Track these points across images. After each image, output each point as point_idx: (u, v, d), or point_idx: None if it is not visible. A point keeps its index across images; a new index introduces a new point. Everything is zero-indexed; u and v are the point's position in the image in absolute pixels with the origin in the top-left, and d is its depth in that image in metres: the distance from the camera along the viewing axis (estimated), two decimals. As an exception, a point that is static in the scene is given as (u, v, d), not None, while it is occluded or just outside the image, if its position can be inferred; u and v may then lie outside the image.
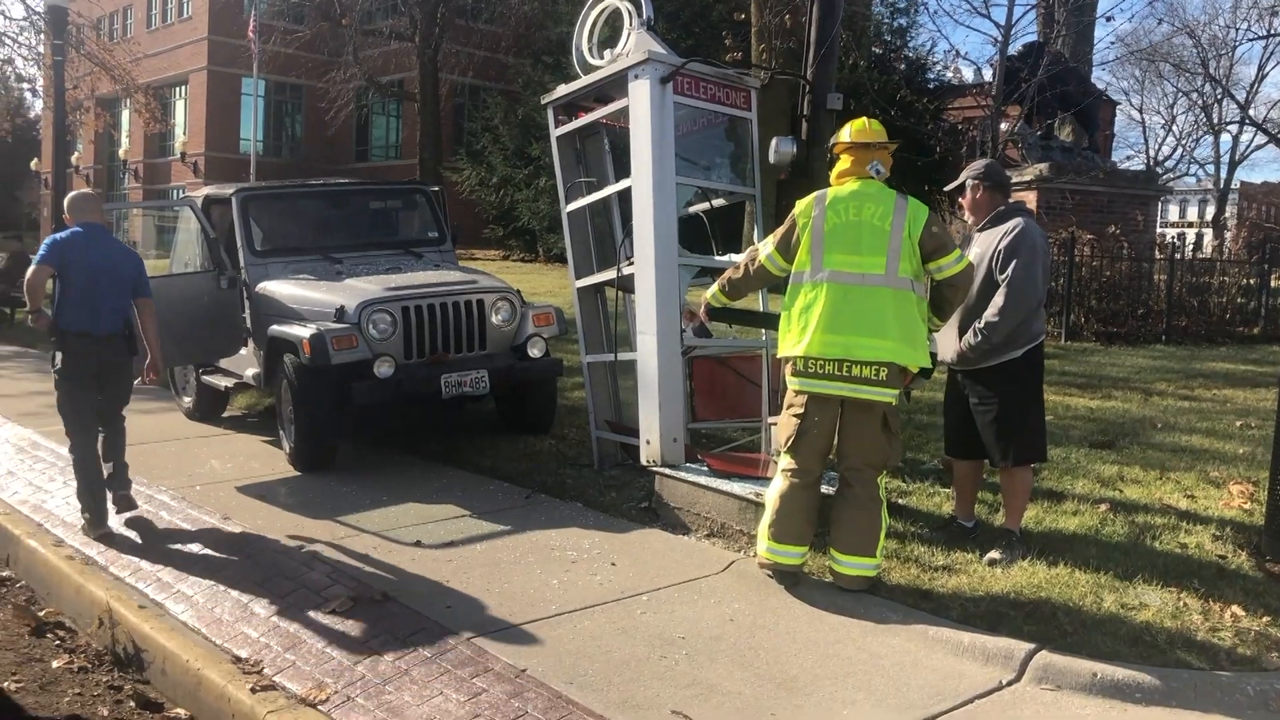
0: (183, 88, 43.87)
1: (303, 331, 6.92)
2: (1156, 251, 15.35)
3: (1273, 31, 40.21)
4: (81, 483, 5.88)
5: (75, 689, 4.40)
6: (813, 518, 4.74)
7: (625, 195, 6.45)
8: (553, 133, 7.05)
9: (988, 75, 17.85)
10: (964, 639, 4.11)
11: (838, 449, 4.70)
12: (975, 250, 5.02)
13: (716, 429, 7.17)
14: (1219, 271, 15.34)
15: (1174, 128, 48.90)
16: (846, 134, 4.80)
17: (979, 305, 4.91)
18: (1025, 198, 13.91)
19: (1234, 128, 45.75)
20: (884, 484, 4.74)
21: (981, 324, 4.86)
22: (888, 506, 4.76)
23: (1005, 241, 4.89)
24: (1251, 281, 15.21)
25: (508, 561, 5.20)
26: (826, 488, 4.91)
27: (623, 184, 6.48)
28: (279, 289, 7.71)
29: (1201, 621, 4.23)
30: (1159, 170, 41.32)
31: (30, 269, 5.78)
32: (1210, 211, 49.98)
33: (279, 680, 4.07)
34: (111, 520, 5.89)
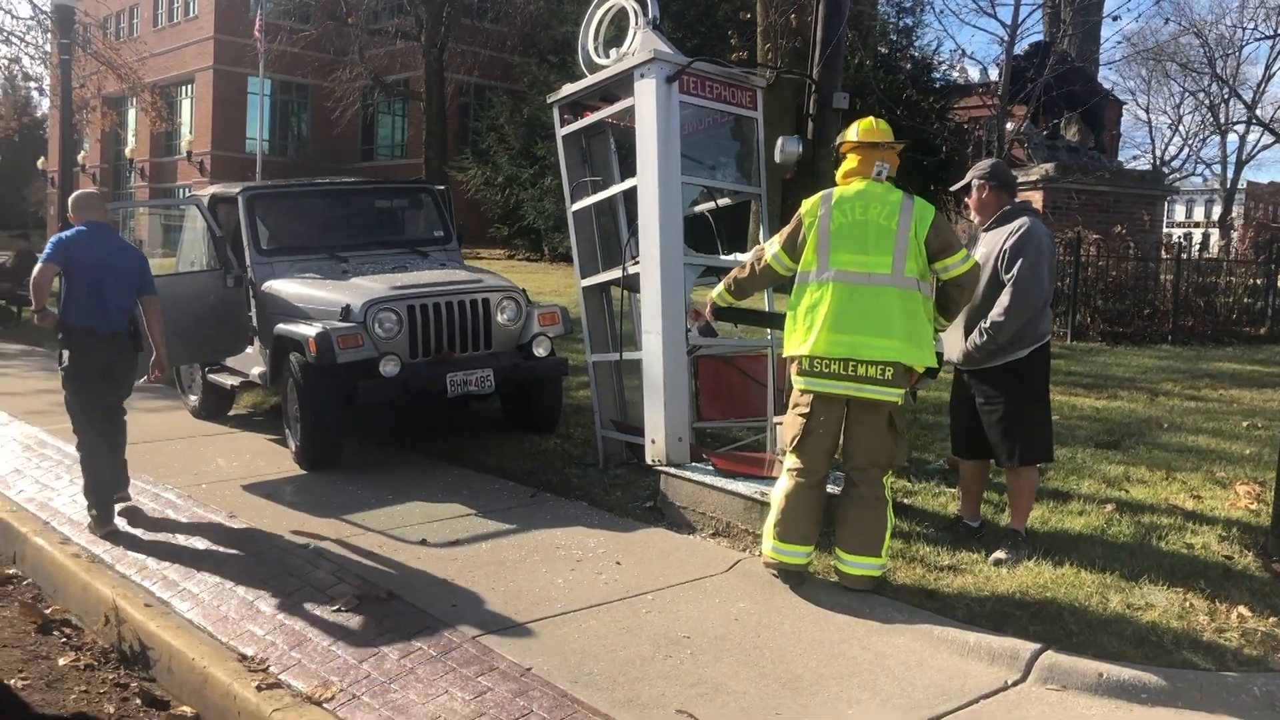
0: (189, 87, 43.94)
1: (308, 330, 6.93)
2: (1163, 251, 15.33)
3: (1280, 31, 40.14)
4: (88, 480, 5.91)
5: (81, 686, 4.42)
6: (818, 517, 4.74)
7: (631, 194, 6.44)
8: (558, 132, 7.05)
9: (994, 75, 17.78)
10: (969, 639, 4.11)
11: (843, 448, 4.69)
12: (981, 250, 5.02)
13: (722, 428, 7.17)
14: (1225, 271, 15.33)
15: (1180, 127, 48.90)
16: (854, 133, 4.80)
17: (985, 305, 4.90)
18: (1031, 197, 13.88)
19: (1241, 127, 45.74)
20: (889, 484, 4.73)
21: (987, 324, 4.86)
22: (893, 506, 4.75)
23: (1011, 241, 4.88)
24: (1258, 281, 15.18)
25: (513, 560, 5.20)
26: (832, 487, 4.91)
27: (628, 183, 6.49)
28: (285, 288, 7.72)
29: (1208, 622, 4.22)
30: (1165, 170, 41.30)
31: (36, 267, 5.82)
32: (1217, 211, 49.86)
33: (285, 678, 4.08)
34: (117, 518, 5.92)
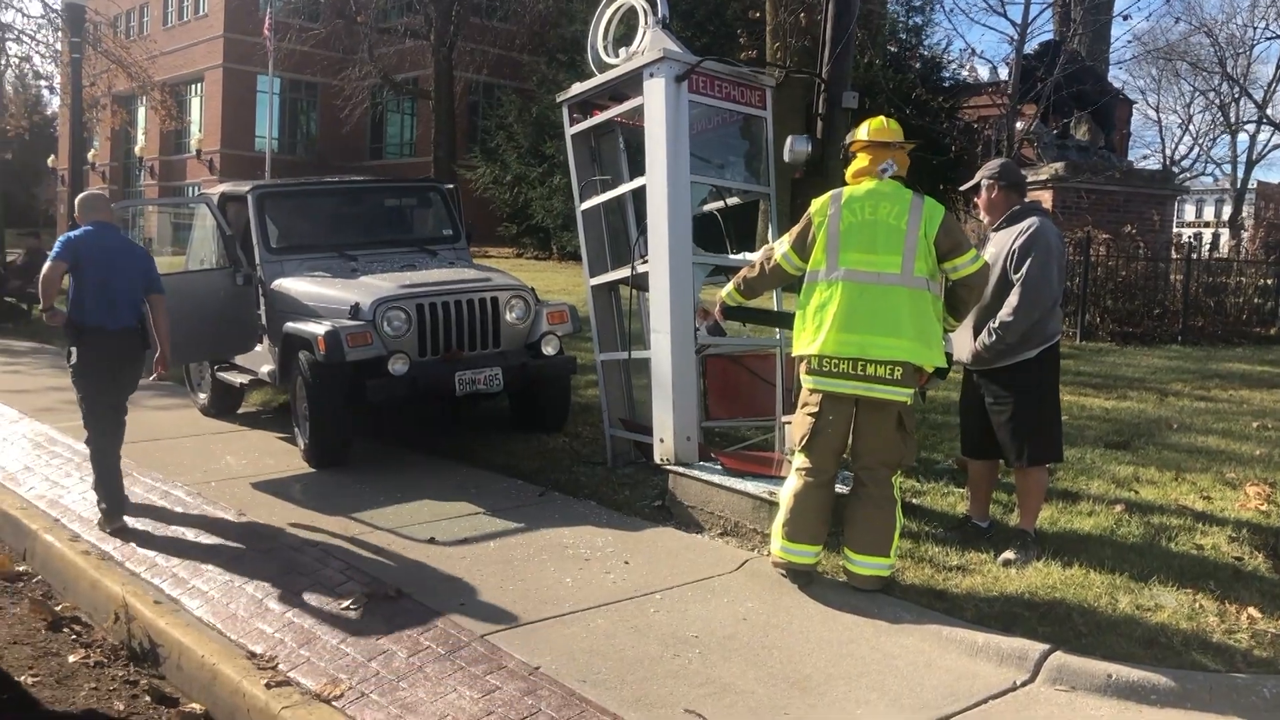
0: (198, 85, 44.04)
1: (318, 328, 6.95)
2: (1173, 251, 15.27)
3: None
4: (99, 475, 5.94)
5: (91, 683, 4.43)
6: (827, 517, 4.73)
7: (640, 193, 6.45)
8: (567, 131, 7.05)
9: (1004, 74, 17.75)
10: (978, 639, 4.10)
11: (852, 448, 4.69)
12: (990, 250, 5.01)
13: (730, 428, 7.17)
14: (1236, 271, 15.26)
15: (1191, 127, 48.62)
16: (864, 132, 4.79)
17: (994, 305, 4.90)
18: (1041, 197, 13.85)
19: (1251, 127, 45.45)
20: (898, 483, 4.73)
21: (996, 323, 4.85)
22: (902, 506, 4.75)
23: (1020, 241, 4.88)
24: (1269, 282, 15.10)
25: (521, 559, 5.21)
26: (841, 487, 4.90)
27: (637, 182, 6.49)
28: (294, 286, 7.74)
29: (1217, 623, 4.21)
30: (1175, 169, 41.05)
31: (45, 266, 5.87)
32: (1227, 211, 49.64)
33: (294, 676, 4.09)
34: (126, 515, 5.94)
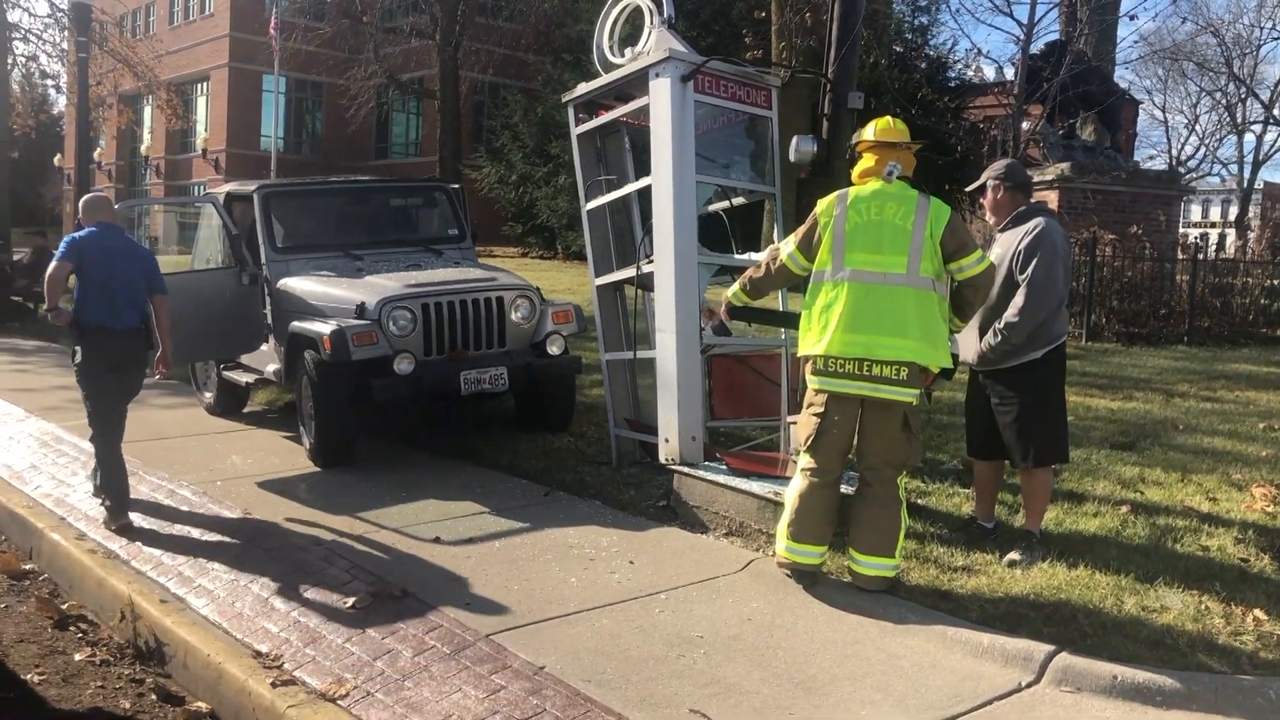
0: (204, 84, 44.11)
1: (323, 328, 6.96)
2: (1179, 252, 15.24)
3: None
4: (104, 473, 5.98)
5: (98, 682, 4.45)
6: (832, 517, 4.73)
7: (645, 193, 6.45)
8: (573, 131, 7.05)
9: (1009, 74, 17.72)
10: (983, 640, 4.10)
11: (857, 448, 4.69)
12: (996, 251, 5.01)
13: (735, 428, 7.17)
14: (1242, 272, 15.24)
15: (1197, 127, 48.50)
16: (870, 132, 4.79)
17: (1000, 306, 4.89)
18: (1047, 197, 13.83)
19: (1258, 127, 45.37)
20: (904, 484, 4.72)
21: (1002, 324, 4.85)
22: (907, 507, 4.74)
23: (1026, 241, 4.87)
24: (1275, 283, 15.06)
25: (526, 559, 5.21)
26: (846, 487, 4.90)
27: (643, 182, 6.49)
28: (300, 285, 7.75)
29: (1223, 625, 4.20)
30: (1182, 170, 41.01)
31: (50, 266, 5.90)
32: (1233, 212, 49.52)
33: (299, 675, 4.10)
34: (132, 514, 5.95)
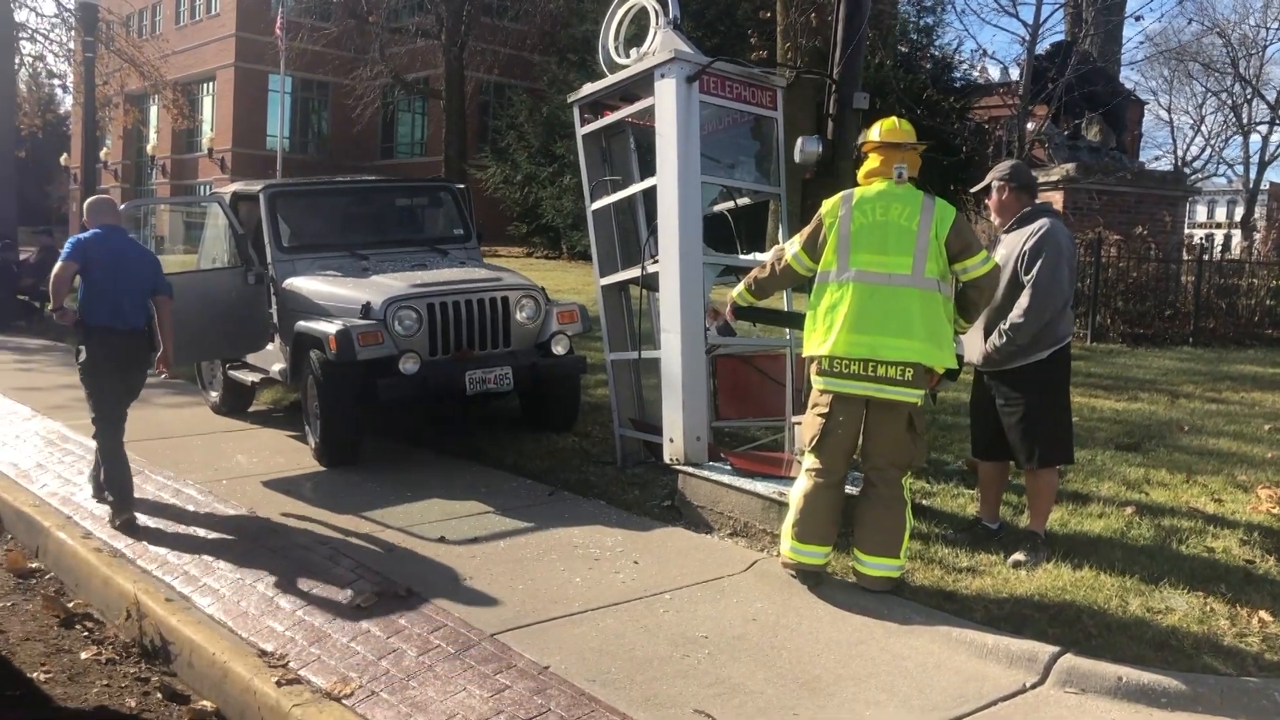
0: (210, 84, 44.17)
1: (329, 327, 6.97)
2: (1184, 252, 15.20)
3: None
4: (107, 469, 6.03)
5: (103, 680, 4.46)
6: (837, 518, 4.73)
7: (650, 193, 6.45)
8: (578, 131, 7.06)
9: (1015, 74, 17.72)
10: (988, 641, 4.10)
11: (862, 449, 4.69)
12: (1001, 251, 5.00)
13: (740, 428, 7.17)
14: (1248, 273, 15.20)
15: (1203, 128, 48.42)
16: (876, 133, 4.78)
17: (1005, 306, 4.89)
18: (1052, 198, 13.80)
19: (1264, 128, 45.26)
20: (909, 485, 4.72)
21: (1007, 325, 4.85)
22: (912, 507, 4.75)
23: (1031, 242, 4.87)
24: (1281, 284, 15.05)
25: (530, 558, 5.22)
26: (851, 488, 4.90)
27: (648, 182, 6.49)
28: (306, 285, 7.76)
29: (1228, 626, 4.20)
30: (1187, 171, 40.88)
31: (55, 266, 5.96)
32: (1239, 212, 49.45)
33: (304, 674, 4.11)
34: (137, 512, 5.97)
